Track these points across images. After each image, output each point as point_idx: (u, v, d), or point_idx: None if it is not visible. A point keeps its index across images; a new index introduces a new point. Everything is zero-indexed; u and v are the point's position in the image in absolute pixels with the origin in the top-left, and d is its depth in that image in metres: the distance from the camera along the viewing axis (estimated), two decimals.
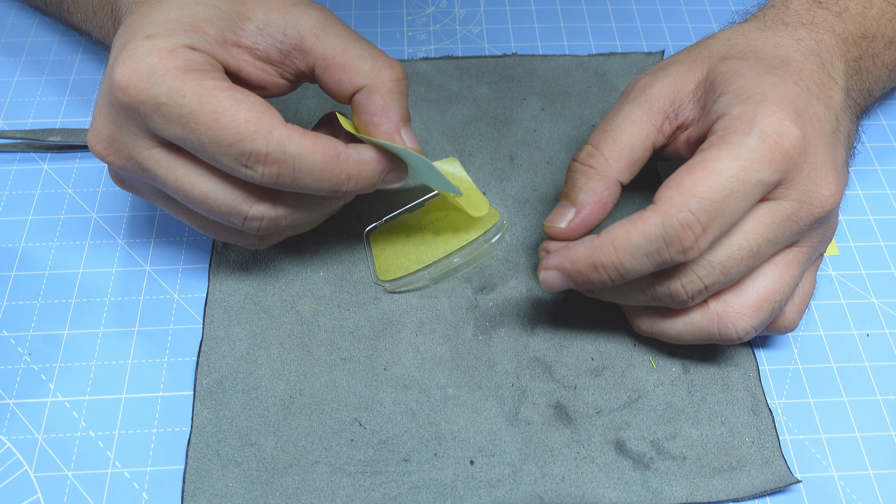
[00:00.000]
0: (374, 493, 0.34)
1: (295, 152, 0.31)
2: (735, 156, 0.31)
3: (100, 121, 0.32)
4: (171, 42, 0.31)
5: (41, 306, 0.39)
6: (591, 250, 0.32)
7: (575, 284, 0.34)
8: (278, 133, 0.30)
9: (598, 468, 0.34)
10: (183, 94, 0.30)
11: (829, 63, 0.35)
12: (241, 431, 0.35)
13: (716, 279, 0.32)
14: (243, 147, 0.30)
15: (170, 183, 0.32)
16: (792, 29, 0.36)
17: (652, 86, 0.35)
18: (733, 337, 0.33)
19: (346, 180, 0.32)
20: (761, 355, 0.38)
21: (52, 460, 0.34)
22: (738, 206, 0.31)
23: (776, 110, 0.31)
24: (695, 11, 0.53)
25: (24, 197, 0.43)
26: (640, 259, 0.31)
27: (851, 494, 0.34)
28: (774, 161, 0.31)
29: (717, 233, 0.31)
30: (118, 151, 0.32)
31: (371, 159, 0.33)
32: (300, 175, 0.31)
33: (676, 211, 0.30)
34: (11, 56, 0.49)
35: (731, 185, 0.30)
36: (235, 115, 0.30)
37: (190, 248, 0.41)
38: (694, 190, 0.30)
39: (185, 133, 0.30)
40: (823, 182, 0.32)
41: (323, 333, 0.38)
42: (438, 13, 0.52)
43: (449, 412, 0.36)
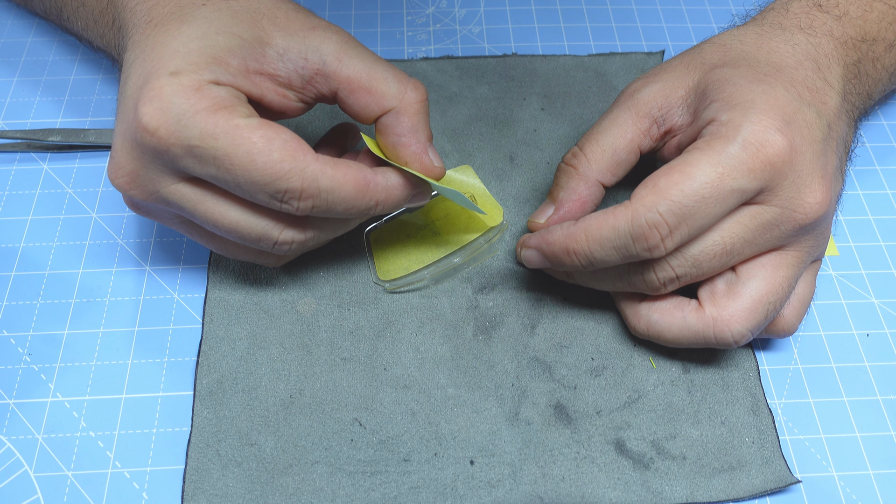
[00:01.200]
0: (374, 493, 0.34)
1: (328, 186, 0.31)
2: (714, 162, 0.31)
3: (122, 156, 0.32)
4: (196, 79, 0.30)
5: (41, 306, 0.39)
6: (565, 236, 0.34)
7: (551, 265, 0.36)
8: (311, 169, 0.31)
9: (598, 468, 0.34)
10: (216, 137, 0.30)
11: (825, 67, 0.35)
12: (241, 431, 0.35)
13: (687, 270, 0.33)
14: (279, 185, 0.31)
15: (199, 215, 0.33)
16: (789, 33, 0.36)
17: (641, 90, 0.36)
18: (729, 340, 0.34)
19: (375, 206, 0.33)
20: (761, 355, 0.38)
21: (52, 460, 0.34)
22: (710, 212, 0.31)
23: (763, 118, 0.32)
24: (695, 11, 0.53)
25: (24, 197, 0.43)
26: (608, 250, 0.33)
27: (851, 494, 0.34)
28: (755, 170, 0.31)
29: (684, 235, 0.32)
30: (142, 187, 0.32)
31: (398, 185, 0.34)
32: (333, 205, 0.32)
33: (646, 210, 0.31)
34: (11, 56, 0.49)
35: (704, 192, 0.31)
36: (270, 156, 0.30)
37: (190, 248, 0.41)
38: (667, 192, 0.31)
39: (219, 173, 0.31)
40: (809, 190, 0.32)
41: (323, 333, 0.38)
42: (438, 13, 0.52)
43: (449, 412, 0.36)
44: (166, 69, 0.31)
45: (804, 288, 0.36)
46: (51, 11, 0.44)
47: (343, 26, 0.51)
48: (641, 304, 0.36)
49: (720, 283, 0.34)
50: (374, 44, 0.50)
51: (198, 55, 0.31)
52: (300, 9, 0.34)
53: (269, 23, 0.33)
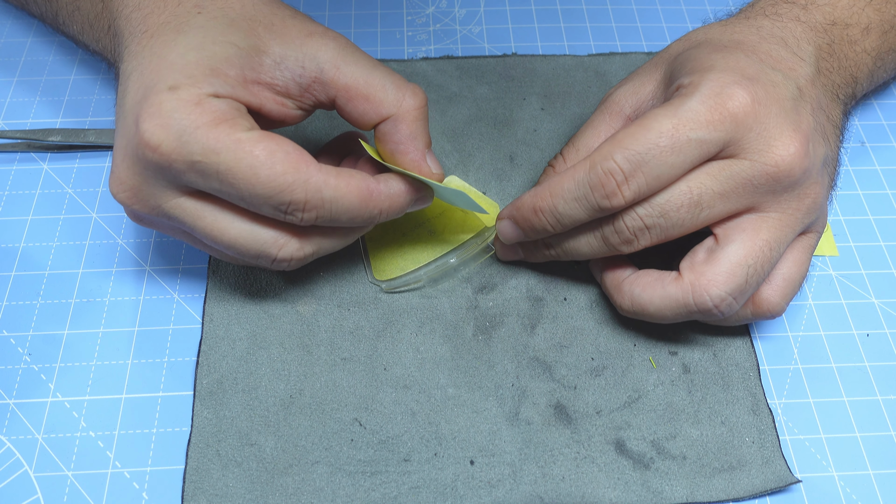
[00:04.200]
0: (374, 493, 0.34)
1: (331, 196, 0.32)
2: (670, 115, 0.32)
3: (123, 171, 0.32)
4: (196, 93, 0.30)
5: (41, 306, 0.39)
6: (532, 196, 0.35)
7: (524, 232, 0.36)
8: (314, 180, 0.31)
9: (598, 468, 0.34)
10: (218, 152, 0.30)
11: (794, 45, 0.36)
12: (241, 431, 0.35)
13: (655, 220, 0.33)
14: (283, 198, 0.31)
15: (198, 230, 0.33)
16: (753, 20, 0.37)
17: (613, 93, 0.38)
18: (709, 305, 0.33)
19: (378, 214, 0.34)
20: (762, 355, 0.38)
21: (52, 460, 0.34)
22: (668, 160, 0.32)
23: (722, 76, 0.32)
24: (695, 11, 0.53)
25: (24, 197, 0.43)
26: (571, 203, 0.33)
27: (851, 494, 0.34)
28: (714, 121, 0.31)
29: (641, 183, 0.32)
30: (143, 201, 0.32)
31: (401, 192, 0.34)
32: (337, 215, 0.32)
33: (602, 159, 0.32)
34: (11, 57, 0.49)
35: (659, 140, 0.31)
36: (273, 168, 0.30)
37: (190, 248, 0.41)
38: (622, 142, 0.32)
39: (223, 187, 0.31)
40: (779, 142, 0.32)
41: (323, 333, 0.38)
42: (438, 13, 0.52)
43: (449, 412, 0.36)
44: (165, 83, 0.31)
45: (792, 266, 0.35)
46: (47, 14, 0.44)
47: (343, 26, 0.51)
48: (625, 281, 0.36)
49: (700, 251, 0.34)
50: (374, 44, 0.50)
51: (195, 67, 0.31)
52: (297, 14, 0.34)
53: (266, 30, 0.33)
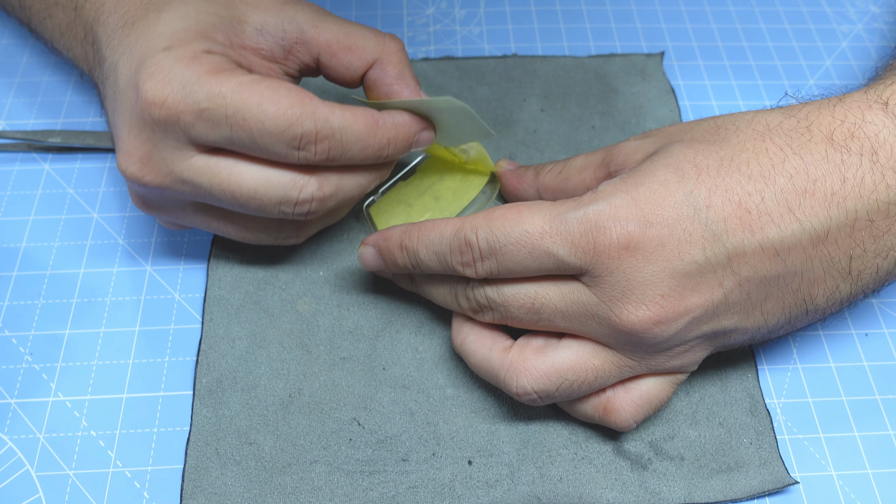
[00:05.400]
0: (372, 493, 0.34)
1: (340, 125, 0.32)
2: (548, 218, 0.30)
3: (131, 142, 0.32)
4: (191, 49, 0.31)
5: (42, 306, 0.39)
6: (402, 232, 0.34)
7: (384, 263, 0.35)
8: (321, 111, 0.31)
9: (596, 469, 0.34)
10: (223, 95, 0.30)
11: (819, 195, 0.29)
12: (240, 430, 0.35)
13: (498, 307, 0.32)
14: (294, 131, 0.31)
15: (214, 188, 0.32)
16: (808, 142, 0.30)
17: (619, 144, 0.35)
18: (512, 390, 0.32)
19: (387, 144, 0.33)
20: (760, 355, 0.38)
21: (54, 460, 0.35)
22: (521, 261, 0.30)
23: (623, 206, 0.29)
24: (695, 12, 0.53)
25: (25, 197, 0.43)
26: (431, 255, 0.33)
27: (850, 494, 0.34)
28: (577, 246, 0.29)
29: (493, 268, 0.31)
30: (156, 169, 0.32)
31: (405, 121, 0.34)
32: (348, 146, 0.32)
33: (469, 228, 0.31)
34: (13, 57, 0.49)
35: (522, 238, 0.30)
36: (280, 103, 0.31)
37: (191, 248, 0.41)
38: (493, 221, 0.31)
39: (233, 132, 0.31)
40: (632, 303, 0.29)
41: (322, 333, 0.38)
42: (438, 14, 0.52)
43: (447, 412, 0.36)
44: (158, 47, 0.31)
45: (654, 388, 0.33)
46: (22, 20, 0.44)
47: None
48: (466, 323, 0.35)
49: (540, 338, 0.33)
50: None
51: (184, 32, 0.32)
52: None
53: (242, 3, 0.34)
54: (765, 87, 0.49)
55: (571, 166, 0.37)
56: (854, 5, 0.54)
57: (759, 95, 0.48)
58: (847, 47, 0.51)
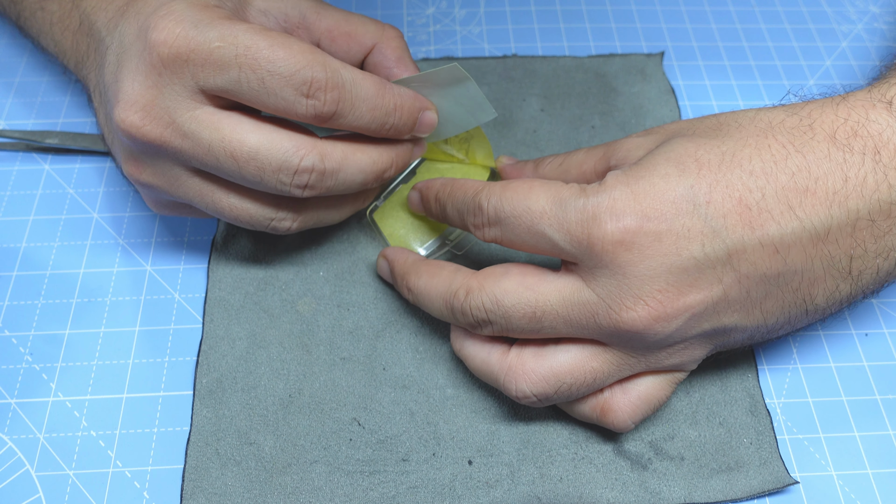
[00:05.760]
0: (372, 493, 0.34)
1: (350, 78, 0.31)
2: (551, 199, 0.30)
3: (133, 89, 0.31)
4: (203, 1, 0.31)
5: (42, 306, 0.39)
6: (441, 185, 0.36)
7: (423, 206, 0.38)
8: (332, 62, 0.31)
9: (596, 469, 0.34)
10: (235, 35, 0.30)
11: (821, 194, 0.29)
12: (240, 430, 0.35)
13: (497, 319, 0.32)
14: (304, 75, 0.30)
15: (215, 144, 0.31)
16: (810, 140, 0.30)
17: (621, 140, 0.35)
18: (512, 393, 0.32)
19: (394, 111, 0.33)
20: (760, 355, 0.38)
21: (54, 460, 0.35)
22: (520, 234, 0.31)
23: (622, 198, 0.29)
24: (695, 12, 0.53)
25: (25, 197, 0.43)
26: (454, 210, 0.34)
27: (850, 494, 0.34)
28: (572, 235, 0.29)
29: (499, 235, 0.32)
30: (157, 118, 0.31)
31: (409, 94, 0.34)
32: (356, 102, 0.32)
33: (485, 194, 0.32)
34: (13, 57, 0.49)
35: (523, 214, 0.31)
36: (291, 47, 0.30)
37: (191, 248, 0.41)
38: (505, 192, 0.32)
39: (241, 73, 0.30)
40: (629, 299, 0.29)
41: (322, 333, 0.38)
42: (438, 14, 0.52)
43: (447, 412, 0.36)
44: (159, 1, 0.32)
45: (652, 388, 0.33)
46: (10, 17, 0.44)
47: None
48: None
49: (512, 265, 0.33)
50: None
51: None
52: None
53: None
54: (765, 87, 0.49)
55: (572, 160, 0.37)
56: (854, 5, 0.54)
57: (759, 95, 0.48)
58: (847, 47, 0.51)
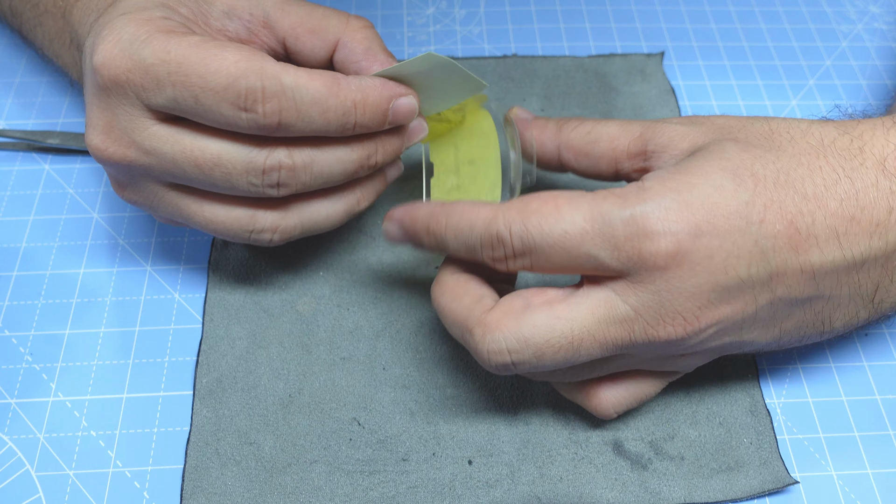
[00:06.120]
0: (372, 493, 0.34)
1: (292, 82, 0.29)
2: (591, 217, 0.28)
3: (92, 114, 0.31)
4: (147, 14, 0.30)
5: (42, 306, 0.39)
6: (430, 215, 0.31)
7: (409, 241, 0.33)
8: (271, 67, 0.29)
9: (596, 469, 0.34)
10: (168, 51, 0.29)
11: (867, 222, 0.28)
12: (240, 430, 0.35)
13: (524, 358, 0.29)
14: (238, 87, 0.28)
15: (178, 156, 0.30)
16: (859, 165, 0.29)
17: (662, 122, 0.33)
18: (476, 339, 0.29)
19: (353, 108, 0.30)
20: (760, 355, 0.38)
21: (54, 460, 0.35)
22: (557, 260, 0.28)
23: (675, 209, 0.27)
24: (695, 12, 0.53)
25: (25, 197, 0.43)
26: (460, 244, 0.30)
27: (850, 494, 0.34)
28: (621, 251, 0.27)
29: (527, 264, 0.29)
30: (118, 140, 0.31)
31: (375, 84, 0.31)
32: (303, 108, 0.29)
33: (503, 223, 0.29)
34: (13, 57, 0.49)
35: (561, 239, 0.28)
36: (224, 58, 0.28)
37: (191, 249, 0.41)
38: (529, 217, 0.28)
39: (176, 91, 0.29)
40: (671, 317, 0.28)
41: (322, 333, 0.38)
42: (438, 14, 0.52)
43: (447, 412, 0.36)
44: (117, 13, 0.31)
45: (643, 385, 0.32)
46: (14, 25, 0.44)
47: None
48: (446, 270, 0.33)
49: (523, 297, 0.30)
50: None
51: (146, 2, 0.31)
52: None
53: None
54: (765, 87, 0.49)
55: (603, 131, 0.34)
56: (854, 5, 0.54)
57: (759, 95, 0.48)
58: (847, 47, 0.51)
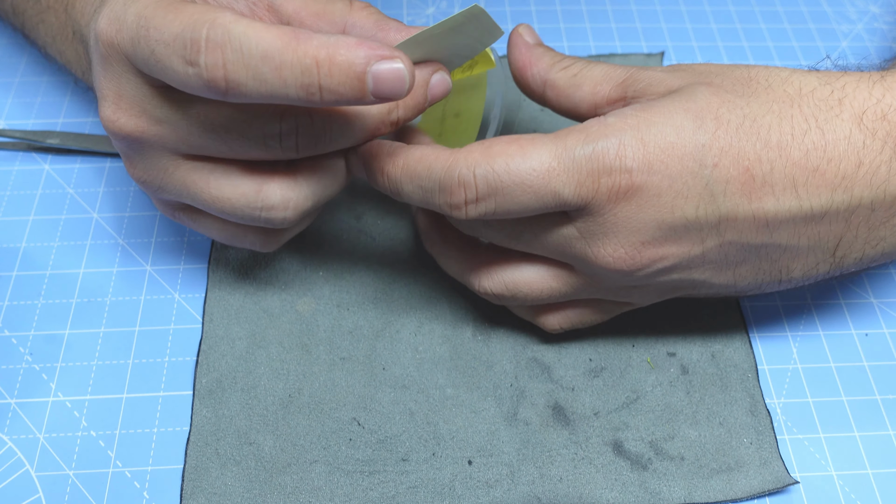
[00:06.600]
0: (372, 493, 0.34)
1: (241, 32, 0.25)
2: (556, 153, 0.28)
3: (101, 86, 0.30)
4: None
5: (42, 306, 0.39)
6: (387, 155, 0.30)
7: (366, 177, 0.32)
8: (224, 18, 0.26)
9: (596, 469, 0.34)
10: (146, 7, 0.27)
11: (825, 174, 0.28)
12: (239, 430, 0.35)
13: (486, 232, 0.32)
14: (184, 36, 0.26)
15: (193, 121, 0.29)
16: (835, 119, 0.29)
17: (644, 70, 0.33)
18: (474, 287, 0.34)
19: (314, 67, 0.25)
20: (760, 355, 0.38)
21: (54, 460, 0.35)
22: (523, 200, 0.28)
23: (633, 144, 0.28)
24: (695, 12, 0.53)
25: (25, 197, 0.43)
26: (415, 188, 0.30)
27: (850, 494, 0.34)
28: (583, 187, 0.28)
29: (490, 209, 0.29)
30: (128, 110, 0.30)
31: (347, 42, 0.25)
32: (252, 62, 0.25)
33: (465, 166, 0.28)
34: (13, 57, 0.49)
35: (527, 177, 0.28)
36: (183, 11, 0.26)
37: (190, 249, 0.41)
38: (494, 158, 0.28)
39: (141, 48, 0.27)
40: (612, 246, 0.29)
41: (322, 333, 0.38)
42: (438, 14, 0.52)
43: (447, 412, 0.36)
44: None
45: (593, 310, 0.34)
46: (16, 24, 0.44)
47: None
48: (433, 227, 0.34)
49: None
50: None
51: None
52: None
53: None
54: None
55: (588, 75, 0.34)
56: (854, 5, 0.54)
57: None
58: (847, 47, 0.51)
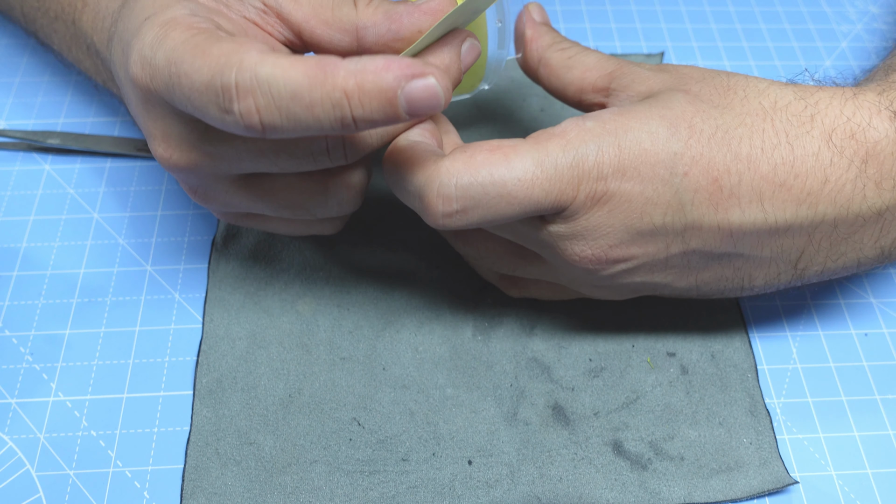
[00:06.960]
0: (372, 493, 0.34)
1: (268, 74, 0.24)
2: (535, 160, 0.28)
3: (147, 125, 0.30)
4: (170, 13, 0.28)
5: (43, 306, 0.39)
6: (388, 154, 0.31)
7: None
8: (249, 59, 0.24)
9: (596, 469, 0.34)
10: (173, 50, 0.26)
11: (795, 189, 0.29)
12: (240, 430, 0.35)
13: None
14: (215, 84, 0.25)
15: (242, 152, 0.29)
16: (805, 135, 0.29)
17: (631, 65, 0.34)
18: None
19: (345, 100, 0.24)
20: (760, 354, 0.38)
21: (54, 460, 0.35)
22: (506, 211, 0.28)
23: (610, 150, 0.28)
24: (694, 13, 0.53)
25: (25, 197, 0.43)
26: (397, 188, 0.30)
27: (850, 493, 0.34)
28: (563, 195, 0.28)
29: (470, 221, 0.28)
30: (179, 147, 0.29)
31: (375, 66, 0.24)
32: (283, 104, 0.24)
33: (446, 176, 0.28)
34: (13, 57, 0.49)
35: (509, 188, 0.28)
36: (209, 53, 0.25)
37: (191, 248, 0.41)
38: (478, 171, 0.28)
39: (177, 94, 0.26)
40: (580, 247, 0.30)
41: (322, 333, 0.38)
42: None
43: (447, 412, 0.36)
44: (140, 19, 0.29)
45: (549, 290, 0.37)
46: (30, 31, 0.44)
47: None
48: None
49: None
50: None
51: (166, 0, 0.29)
52: None
53: None
54: None
55: (581, 59, 0.34)
56: (854, 5, 0.54)
57: None
58: (847, 47, 0.51)
